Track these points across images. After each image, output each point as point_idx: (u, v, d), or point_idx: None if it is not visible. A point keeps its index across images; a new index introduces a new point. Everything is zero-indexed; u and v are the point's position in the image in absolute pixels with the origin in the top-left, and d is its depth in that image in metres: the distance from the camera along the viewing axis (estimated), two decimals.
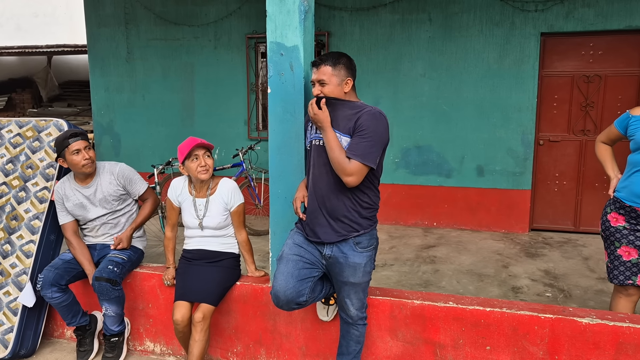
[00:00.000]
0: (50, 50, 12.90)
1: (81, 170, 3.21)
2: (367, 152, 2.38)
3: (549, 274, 4.59)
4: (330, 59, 2.46)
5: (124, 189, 3.35)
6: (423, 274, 4.61)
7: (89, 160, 3.20)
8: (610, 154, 3.04)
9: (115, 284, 3.10)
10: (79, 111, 12.25)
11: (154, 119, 7.11)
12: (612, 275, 2.90)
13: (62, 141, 3.19)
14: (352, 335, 2.72)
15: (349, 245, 2.53)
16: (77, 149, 3.17)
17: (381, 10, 5.99)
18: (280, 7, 2.74)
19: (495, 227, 5.96)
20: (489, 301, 2.80)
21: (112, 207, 3.32)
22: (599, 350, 2.54)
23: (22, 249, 3.35)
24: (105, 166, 3.36)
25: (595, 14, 5.36)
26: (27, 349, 3.33)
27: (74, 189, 3.30)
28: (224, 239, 3.08)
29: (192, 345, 2.84)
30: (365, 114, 2.40)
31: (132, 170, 3.42)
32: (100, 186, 3.29)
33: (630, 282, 2.82)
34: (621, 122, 2.92)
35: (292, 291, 2.49)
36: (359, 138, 2.39)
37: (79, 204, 3.28)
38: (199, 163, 2.91)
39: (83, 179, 3.29)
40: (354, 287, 2.59)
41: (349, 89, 2.51)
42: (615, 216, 2.87)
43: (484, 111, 5.81)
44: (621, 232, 2.83)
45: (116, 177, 3.32)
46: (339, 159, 2.38)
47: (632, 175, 2.77)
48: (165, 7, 6.81)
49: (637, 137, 2.76)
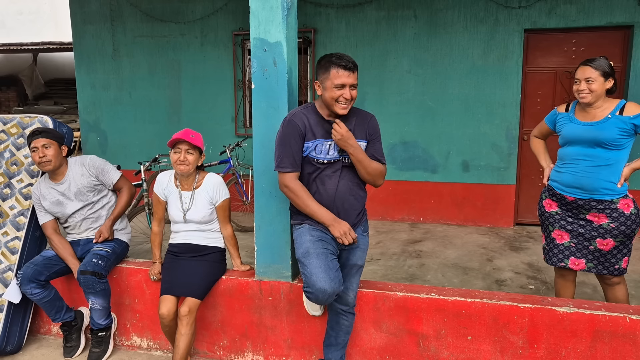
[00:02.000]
0: (35, 47, 12.80)
1: (40, 169, 3.24)
2: (382, 152, 2.72)
3: (532, 267, 4.67)
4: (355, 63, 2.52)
5: (97, 179, 3.35)
6: (409, 268, 4.67)
7: (43, 157, 3.18)
8: (543, 146, 3.30)
9: (101, 276, 3.11)
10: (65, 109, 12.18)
11: (140, 117, 7.09)
12: (548, 257, 3.15)
13: (28, 139, 3.22)
14: (341, 326, 2.77)
15: (359, 231, 2.72)
16: (35, 146, 3.17)
17: (367, 7, 6.02)
18: (264, 4, 2.77)
19: (481, 222, 6.03)
20: (471, 292, 2.85)
21: (87, 199, 3.32)
22: (576, 338, 2.61)
23: (7, 245, 3.35)
24: (76, 160, 3.37)
25: (577, 10, 5.44)
26: (13, 345, 3.32)
27: (49, 187, 3.32)
28: (209, 234, 3.11)
29: (178, 339, 2.87)
30: (373, 119, 2.69)
31: (103, 160, 3.44)
32: (73, 179, 3.30)
33: (563, 265, 3.06)
34: (550, 118, 3.16)
35: (336, 282, 2.49)
36: (377, 142, 2.69)
37: (55, 201, 3.29)
38: (178, 157, 2.94)
39: (54, 176, 3.30)
40: (359, 271, 2.76)
41: None
42: (549, 202, 3.10)
43: (469, 107, 5.87)
44: (554, 217, 3.07)
45: (87, 169, 3.33)
46: (375, 167, 2.62)
47: (562, 167, 3.00)
48: (151, 4, 6.80)
49: (564, 132, 2.99)
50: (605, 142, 2.81)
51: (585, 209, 2.93)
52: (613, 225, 2.87)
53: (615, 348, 2.56)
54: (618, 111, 2.83)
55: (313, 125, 2.57)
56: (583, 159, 2.89)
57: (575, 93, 2.90)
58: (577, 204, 2.95)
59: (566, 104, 3.08)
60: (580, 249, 3.00)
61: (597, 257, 2.97)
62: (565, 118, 3.02)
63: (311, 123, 2.57)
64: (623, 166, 2.86)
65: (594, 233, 2.93)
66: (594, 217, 2.92)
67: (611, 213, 2.87)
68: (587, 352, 2.60)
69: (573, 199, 2.95)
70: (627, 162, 2.89)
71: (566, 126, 2.98)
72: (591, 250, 2.97)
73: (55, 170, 3.26)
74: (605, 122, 2.83)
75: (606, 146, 2.82)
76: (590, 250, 2.97)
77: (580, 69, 2.88)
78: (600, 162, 2.84)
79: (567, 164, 2.96)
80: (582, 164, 2.89)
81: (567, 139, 2.96)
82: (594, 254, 2.97)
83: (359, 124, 2.64)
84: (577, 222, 2.98)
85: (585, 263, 3.00)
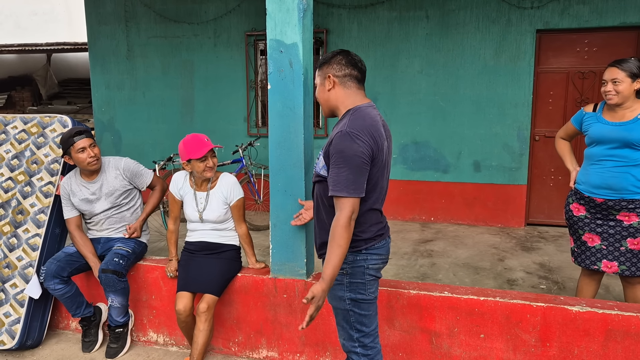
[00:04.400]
0: (49, 48, 12.95)
1: (87, 168, 3.29)
2: (337, 180, 2.11)
3: (543, 267, 4.68)
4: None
5: (130, 182, 3.43)
6: (420, 267, 4.69)
7: (94, 157, 3.27)
8: (569, 148, 3.27)
9: (121, 275, 3.18)
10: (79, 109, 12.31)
11: (154, 116, 7.18)
12: (580, 260, 3.14)
13: (68, 139, 3.25)
14: None
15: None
16: (83, 147, 3.24)
17: (379, 7, 6.06)
18: (280, 6, 2.82)
19: (492, 222, 6.04)
20: (483, 291, 2.88)
21: (117, 201, 3.40)
22: (588, 337, 2.63)
23: (28, 242, 3.43)
24: (111, 161, 3.44)
25: (590, 10, 5.43)
26: (33, 340, 3.40)
27: (80, 184, 3.38)
28: (225, 232, 3.16)
29: (196, 335, 2.93)
30: (337, 135, 2.10)
31: (136, 163, 3.50)
32: (107, 181, 3.37)
33: (596, 268, 3.06)
34: (577, 118, 3.14)
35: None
36: (333, 167, 2.11)
37: (85, 199, 3.36)
38: (206, 164, 2.99)
39: (89, 174, 3.37)
40: (335, 310, 2.40)
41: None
42: (577, 206, 3.08)
43: (481, 107, 5.89)
44: (583, 220, 3.06)
45: (122, 172, 3.40)
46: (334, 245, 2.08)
47: (589, 168, 2.99)
48: (165, 4, 6.88)
49: (590, 132, 2.98)
50: (634, 142, 2.81)
51: (616, 209, 2.92)
52: None
53: (627, 347, 2.58)
54: None
55: None
56: (610, 159, 2.89)
57: (603, 94, 2.90)
58: (607, 205, 2.94)
59: (594, 104, 3.07)
60: (611, 252, 2.99)
61: (629, 259, 2.96)
62: (592, 118, 3.01)
63: None
64: None
65: (625, 233, 2.93)
66: (624, 216, 2.91)
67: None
68: (600, 351, 2.62)
69: (602, 201, 2.94)
70: None
71: (593, 126, 2.97)
72: (622, 251, 2.96)
73: (98, 169, 3.35)
74: (635, 122, 2.83)
75: (634, 146, 2.82)
76: (622, 251, 2.96)
77: (608, 70, 2.88)
78: (628, 162, 2.84)
79: (594, 165, 2.95)
80: (609, 164, 2.89)
81: (593, 139, 2.96)
82: (625, 255, 2.96)
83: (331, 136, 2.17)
84: (606, 223, 2.97)
85: (618, 265, 2.99)
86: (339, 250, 2.04)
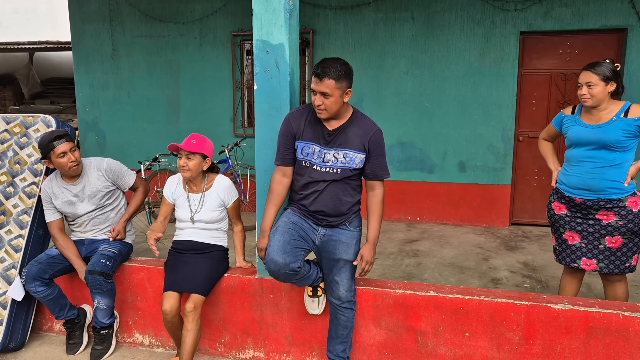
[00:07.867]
0: (32, 46, 12.76)
1: (69, 173, 3.24)
2: (385, 166, 2.73)
3: (527, 266, 4.74)
4: (334, 73, 2.45)
5: (112, 183, 3.40)
6: (406, 267, 4.73)
7: (75, 162, 3.21)
8: (551, 149, 3.34)
9: (108, 277, 3.15)
10: (62, 108, 12.16)
11: (139, 116, 7.12)
12: (561, 257, 3.21)
13: (47, 144, 3.16)
14: (339, 320, 2.84)
15: (344, 224, 2.77)
16: (63, 151, 3.17)
17: (365, 8, 6.09)
18: (266, 6, 2.82)
19: (477, 222, 6.11)
20: (468, 290, 2.91)
21: (100, 202, 3.37)
22: (570, 335, 2.67)
23: (10, 243, 3.39)
24: (92, 162, 3.39)
25: (572, 13, 5.52)
26: (16, 342, 3.36)
27: (62, 186, 3.33)
28: (214, 232, 3.16)
29: (184, 335, 2.91)
30: (376, 133, 2.64)
31: (119, 163, 3.47)
32: (89, 182, 3.33)
33: (575, 265, 3.13)
34: (557, 120, 3.22)
35: (289, 255, 2.56)
36: (379, 157, 2.68)
37: (67, 201, 3.32)
38: (180, 162, 3.02)
39: (70, 177, 3.33)
40: (345, 265, 2.76)
41: (348, 98, 2.59)
42: (558, 205, 3.15)
43: (466, 108, 5.95)
44: (564, 219, 3.12)
45: (104, 173, 3.36)
46: (380, 211, 2.75)
47: (569, 169, 3.06)
48: (150, 4, 6.83)
49: (570, 135, 3.04)
50: (610, 144, 2.87)
51: (594, 208, 2.98)
52: (621, 223, 2.92)
53: (608, 344, 2.63)
54: (623, 113, 2.88)
55: (306, 126, 2.65)
56: (588, 160, 2.94)
57: (579, 97, 2.96)
58: (586, 205, 3.00)
59: (572, 107, 3.13)
60: (591, 249, 3.05)
61: (607, 257, 3.02)
62: (571, 120, 3.07)
63: (305, 124, 2.65)
64: (629, 166, 2.90)
65: (603, 231, 2.99)
66: (603, 215, 2.97)
67: (619, 211, 2.92)
68: (582, 348, 2.67)
69: (581, 201, 3.00)
70: (633, 161, 2.93)
71: (572, 128, 3.03)
72: (601, 249, 3.02)
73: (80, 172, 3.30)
74: (610, 124, 2.89)
75: (611, 148, 2.87)
76: (601, 249, 3.02)
77: (582, 74, 2.94)
78: (605, 163, 2.90)
79: (574, 166, 3.01)
80: (587, 166, 2.95)
81: (572, 141, 3.02)
82: (604, 253, 3.02)
83: (359, 134, 2.61)
84: (586, 222, 3.03)
85: (597, 263, 3.05)
86: (381, 218, 2.75)
